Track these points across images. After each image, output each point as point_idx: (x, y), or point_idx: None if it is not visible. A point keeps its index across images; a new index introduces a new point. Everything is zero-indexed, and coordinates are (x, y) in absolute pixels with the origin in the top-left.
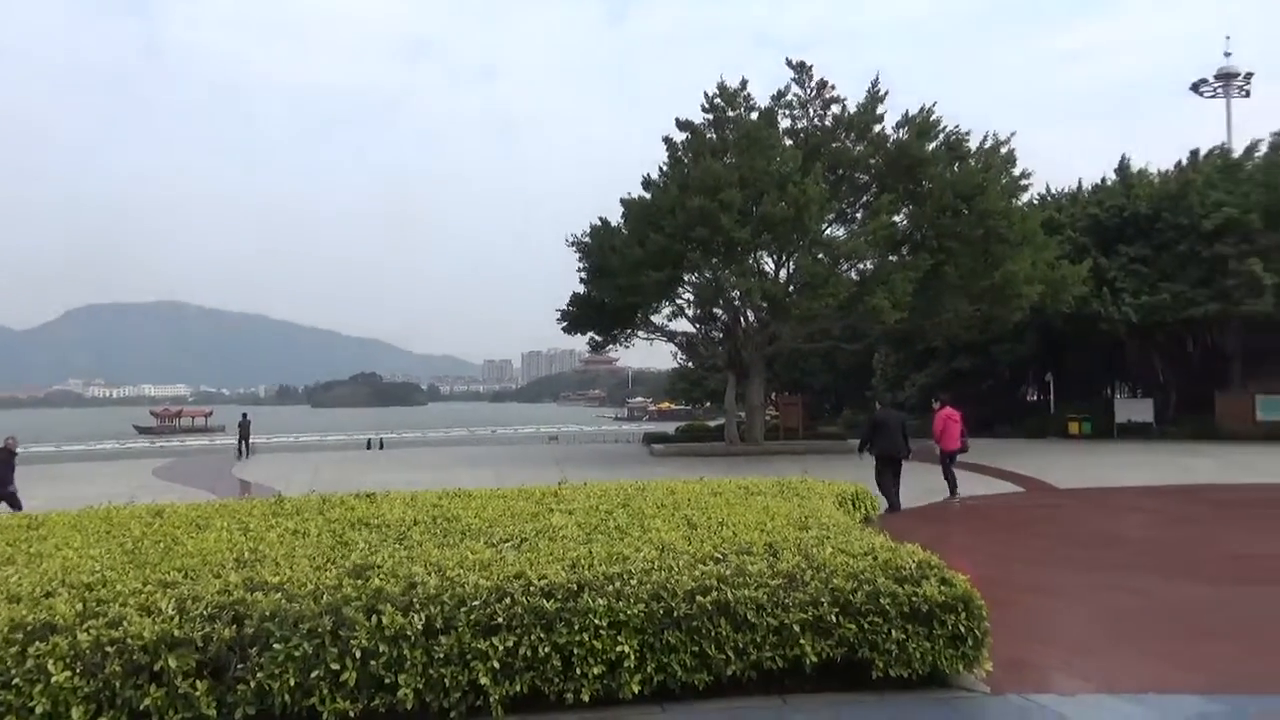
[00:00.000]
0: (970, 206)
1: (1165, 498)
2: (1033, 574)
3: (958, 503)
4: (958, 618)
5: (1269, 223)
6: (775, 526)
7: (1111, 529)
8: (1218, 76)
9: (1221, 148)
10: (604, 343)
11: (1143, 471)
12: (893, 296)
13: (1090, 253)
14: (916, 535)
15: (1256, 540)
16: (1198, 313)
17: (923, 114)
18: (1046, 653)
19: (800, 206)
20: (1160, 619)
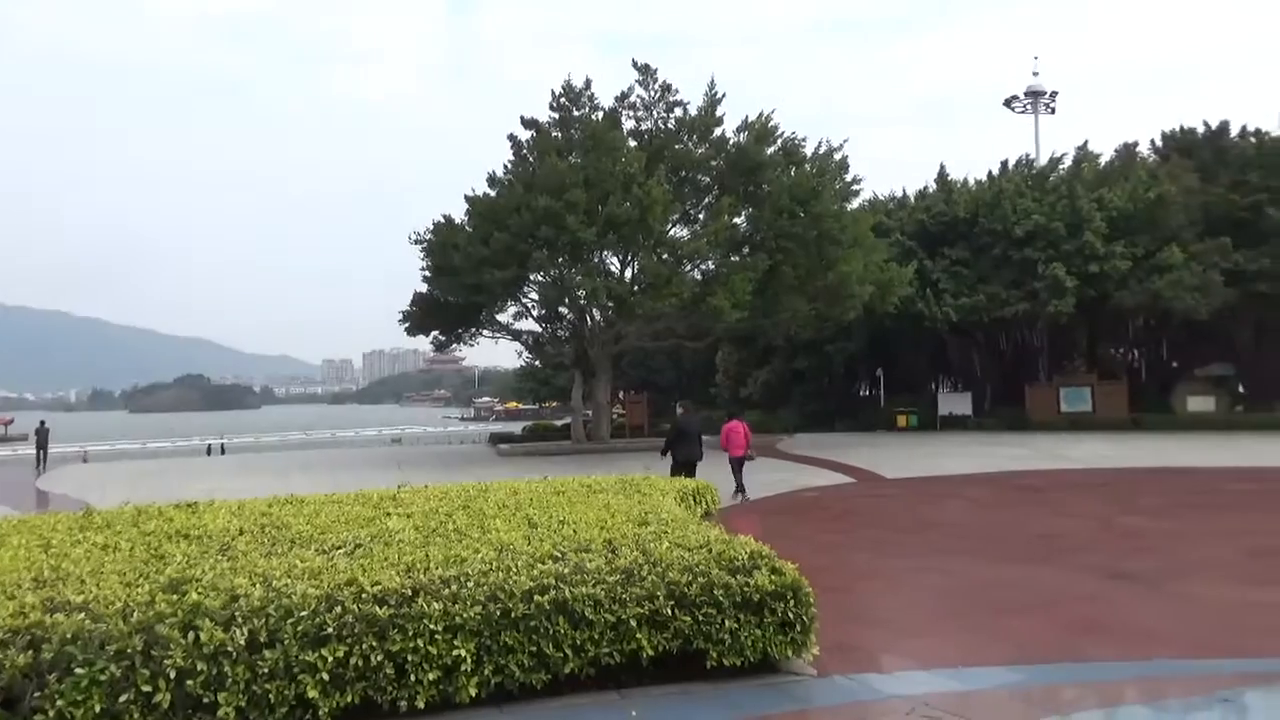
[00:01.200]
0: (806, 210)
1: (981, 485)
2: (861, 560)
3: (741, 501)
4: (787, 605)
5: (1071, 230)
6: (615, 523)
7: (933, 516)
8: (1027, 94)
9: (1029, 159)
10: (448, 342)
11: (962, 461)
12: (733, 296)
13: (916, 255)
14: (754, 527)
15: (1057, 521)
16: (1010, 312)
17: (761, 120)
18: (871, 634)
19: (645, 207)
20: (972, 598)
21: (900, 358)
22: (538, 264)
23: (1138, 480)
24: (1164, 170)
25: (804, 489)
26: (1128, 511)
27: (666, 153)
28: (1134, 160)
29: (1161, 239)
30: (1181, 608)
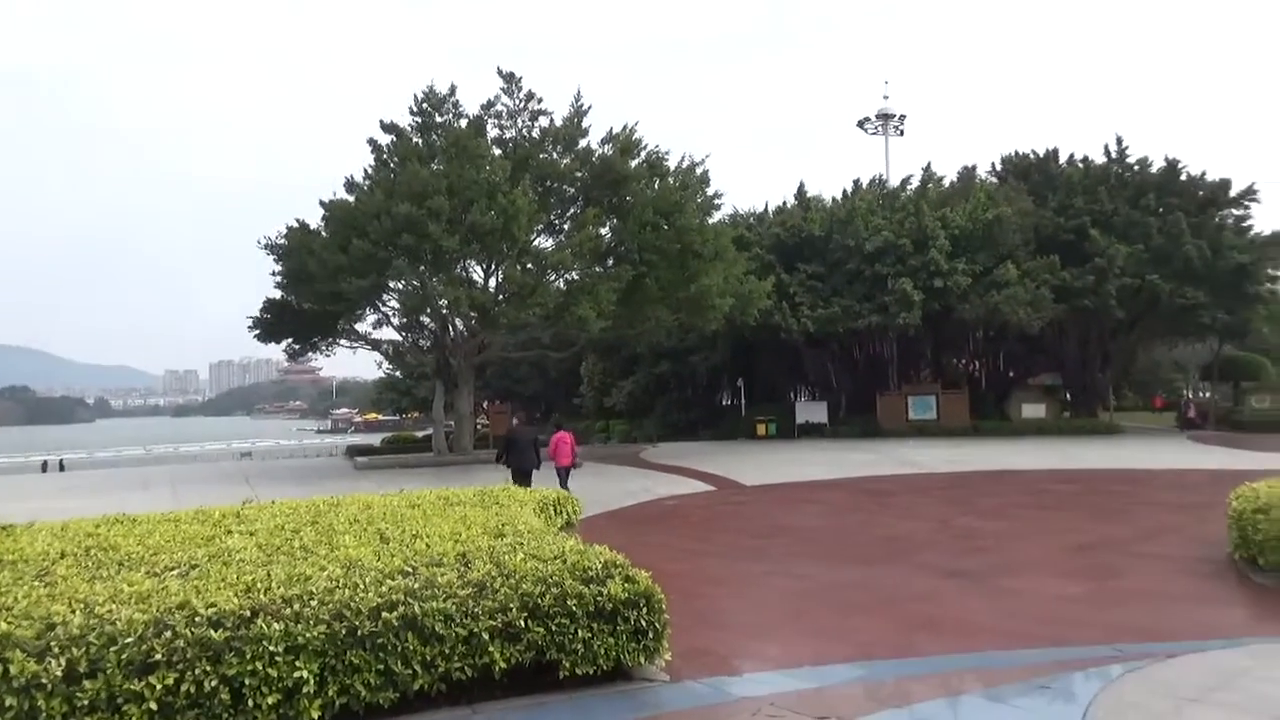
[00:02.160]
0: (669, 222)
1: (833, 490)
2: (717, 566)
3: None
4: (640, 613)
5: (917, 247)
6: (470, 536)
7: (787, 521)
8: (878, 116)
9: (881, 179)
10: (303, 351)
11: (817, 467)
12: (598, 306)
13: (774, 269)
14: (613, 536)
15: (901, 523)
16: (863, 324)
17: (626, 132)
18: (724, 638)
19: (509, 216)
20: (821, 599)
21: (761, 368)
22: (398, 272)
23: (975, 483)
24: (1001, 193)
25: (665, 497)
26: (965, 513)
27: (531, 162)
28: (974, 182)
29: (998, 257)
30: (1008, 602)
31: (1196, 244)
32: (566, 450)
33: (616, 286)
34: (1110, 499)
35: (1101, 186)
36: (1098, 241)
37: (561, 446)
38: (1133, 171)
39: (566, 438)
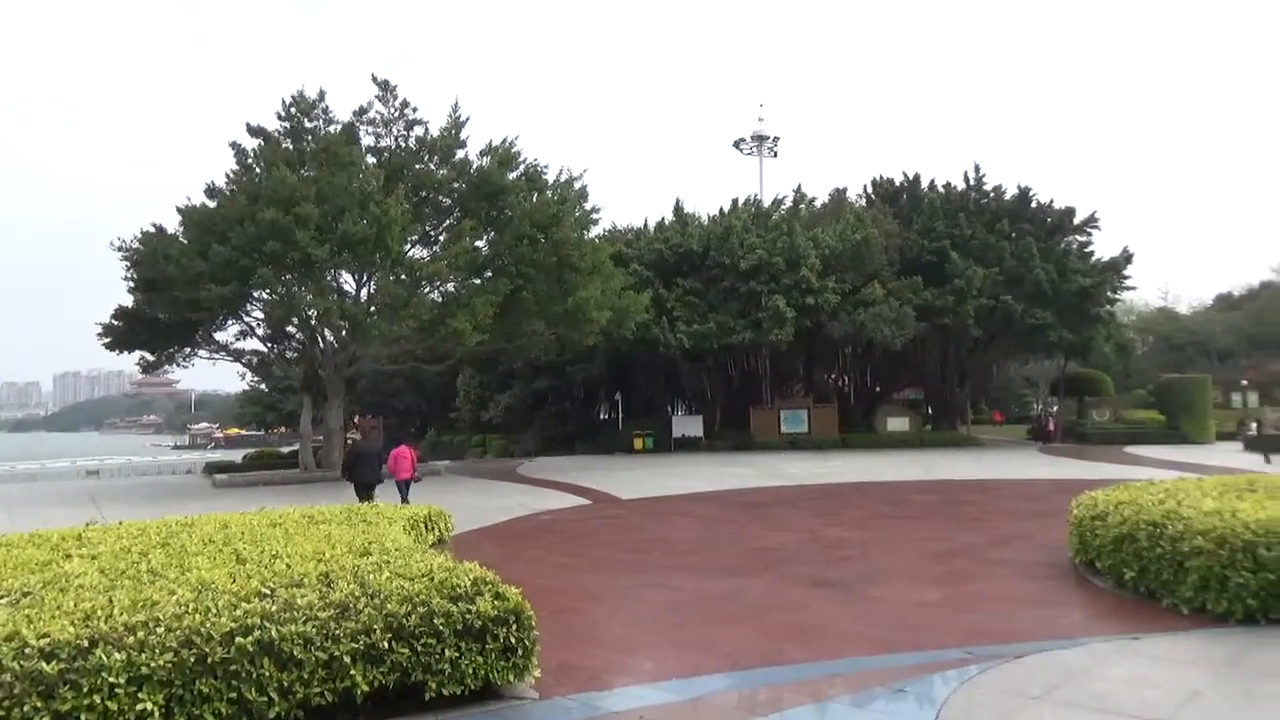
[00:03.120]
0: (547, 236)
1: (708, 503)
2: (590, 581)
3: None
4: (509, 630)
5: (790, 265)
6: (334, 555)
7: (662, 534)
8: (754, 137)
9: (756, 198)
10: (158, 362)
11: (693, 480)
12: (474, 319)
13: (653, 284)
14: (486, 553)
15: (772, 535)
16: (738, 340)
17: (504, 145)
18: (595, 653)
19: (382, 226)
20: (692, 611)
21: (638, 382)
22: (263, 280)
23: (843, 494)
24: (869, 215)
25: (541, 512)
26: (832, 524)
27: (406, 172)
28: (844, 204)
29: (866, 276)
30: (871, 610)
31: (1045, 268)
32: (407, 465)
33: (493, 299)
34: (966, 508)
35: (961, 212)
36: (957, 264)
37: (401, 461)
38: (989, 198)
39: (406, 452)
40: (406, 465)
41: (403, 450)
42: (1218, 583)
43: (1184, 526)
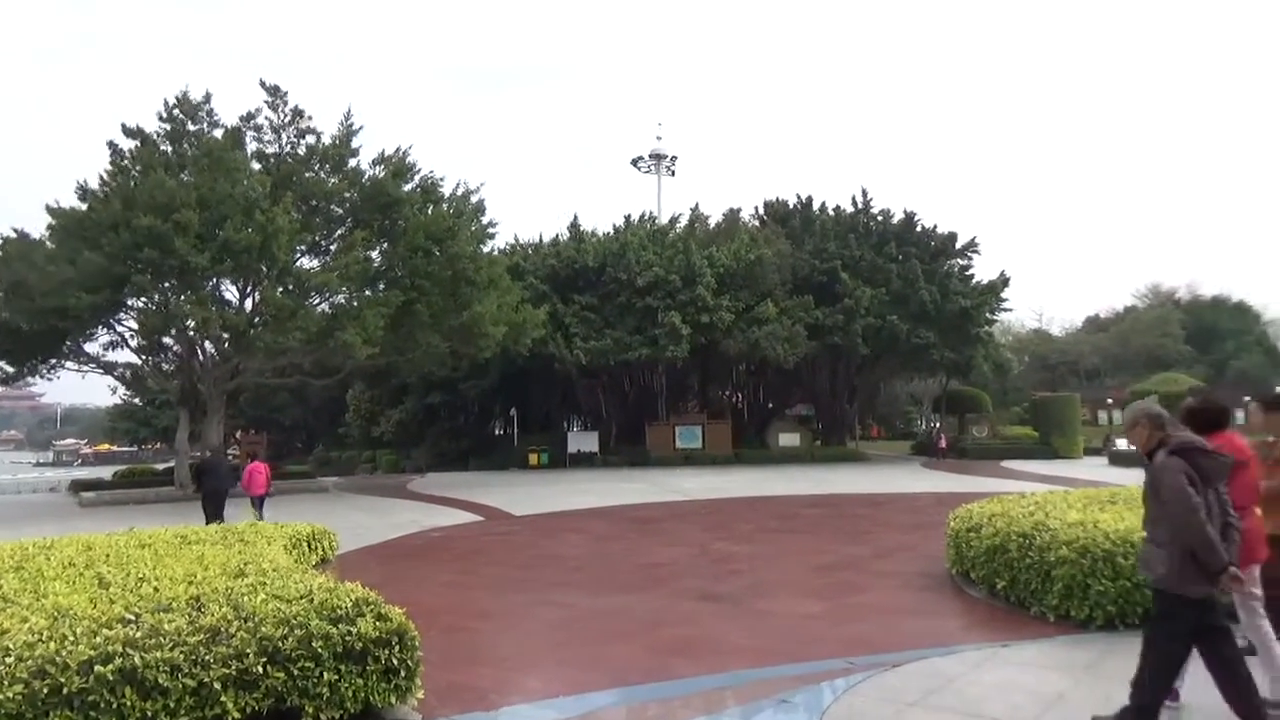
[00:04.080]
0: (442, 248)
1: (601, 519)
2: (480, 599)
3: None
4: (391, 652)
5: (686, 283)
6: (207, 577)
7: (554, 550)
8: (651, 155)
9: (652, 216)
10: (20, 374)
11: (587, 496)
12: (365, 332)
13: (549, 299)
14: (372, 572)
15: (664, 550)
16: (634, 356)
17: (399, 155)
18: (482, 673)
19: (269, 235)
20: (582, 628)
21: (534, 397)
22: (139, 288)
23: (735, 509)
24: (762, 235)
25: (431, 529)
26: (723, 538)
27: (295, 179)
28: (739, 224)
29: (759, 295)
30: (758, 623)
31: (929, 289)
32: (261, 480)
33: (385, 312)
34: (853, 522)
35: (851, 234)
36: (847, 284)
37: (256, 476)
38: (877, 221)
39: (261, 467)
40: (261, 481)
41: (257, 466)
42: (1080, 591)
43: (1050, 537)
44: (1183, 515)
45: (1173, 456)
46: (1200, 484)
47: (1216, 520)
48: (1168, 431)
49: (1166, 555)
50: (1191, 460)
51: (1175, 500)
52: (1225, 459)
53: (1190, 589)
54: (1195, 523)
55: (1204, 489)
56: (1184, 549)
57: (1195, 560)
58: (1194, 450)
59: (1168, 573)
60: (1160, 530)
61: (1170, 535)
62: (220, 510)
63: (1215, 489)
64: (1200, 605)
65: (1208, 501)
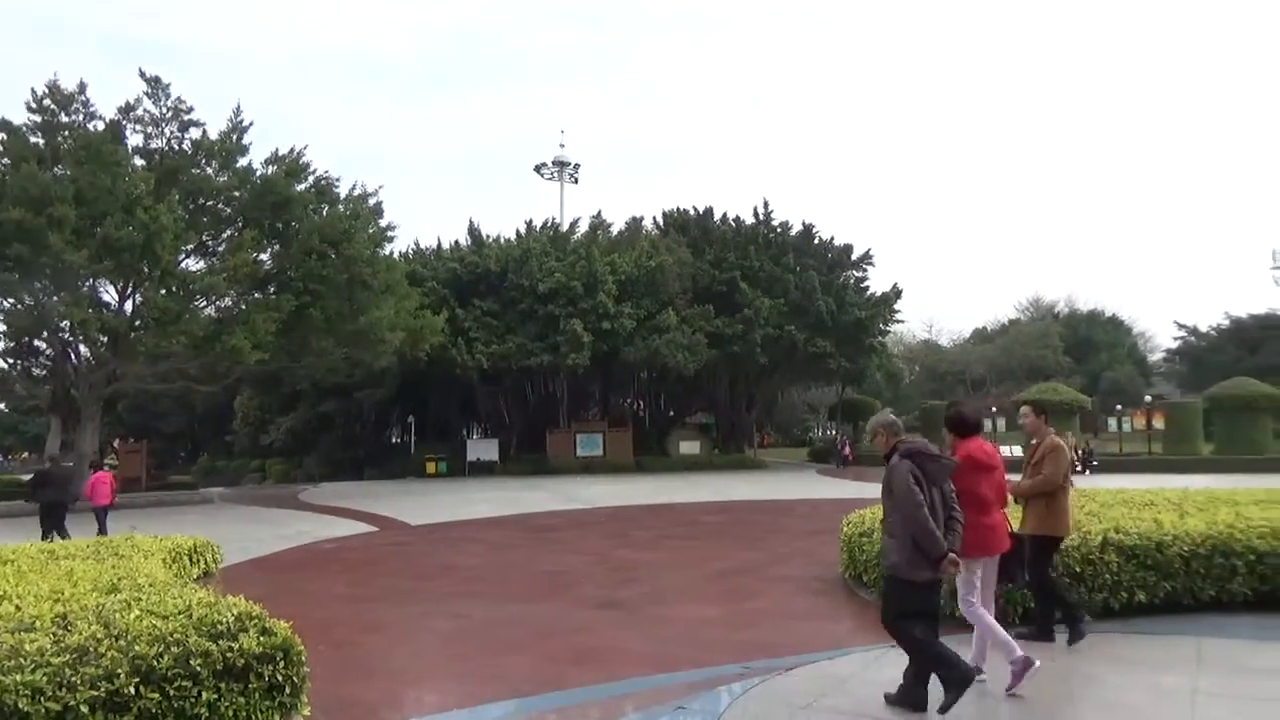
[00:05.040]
0: (337, 251)
1: (500, 528)
2: (372, 611)
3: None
4: (276, 667)
5: (587, 290)
6: (76, 594)
7: (451, 560)
8: (554, 162)
9: (555, 222)
10: None
11: (486, 505)
12: (254, 336)
13: (449, 304)
14: (258, 585)
15: (563, 558)
16: (535, 362)
17: (293, 154)
18: (373, 687)
19: (151, 233)
20: (477, 639)
21: (432, 404)
22: (7, 287)
23: (635, 516)
24: (663, 243)
25: (323, 540)
26: (622, 546)
27: (181, 176)
28: (640, 232)
29: (660, 303)
30: (656, 630)
31: (826, 300)
32: (106, 491)
33: (276, 316)
34: (750, 528)
35: (751, 245)
36: (747, 294)
37: (100, 487)
38: (776, 232)
39: (105, 478)
40: (105, 492)
41: (102, 476)
42: None
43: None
44: (908, 510)
45: (902, 459)
46: (925, 483)
47: (941, 515)
48: (901, 437)
49: (898, 545)
50: (918, 462)
51: (902, 497)
52: (949, 462)
53: (917, 574)
54: (919, 517)
55: (929, 487)
56: (911, 539)
57: (920, 549)
58: (920, 454)
59: (899, 560)
60: (893, 523)
61: (900, 528)
62: (60, 524)
63: (940, 488)
64: (927, 587)
65: (932, 499)
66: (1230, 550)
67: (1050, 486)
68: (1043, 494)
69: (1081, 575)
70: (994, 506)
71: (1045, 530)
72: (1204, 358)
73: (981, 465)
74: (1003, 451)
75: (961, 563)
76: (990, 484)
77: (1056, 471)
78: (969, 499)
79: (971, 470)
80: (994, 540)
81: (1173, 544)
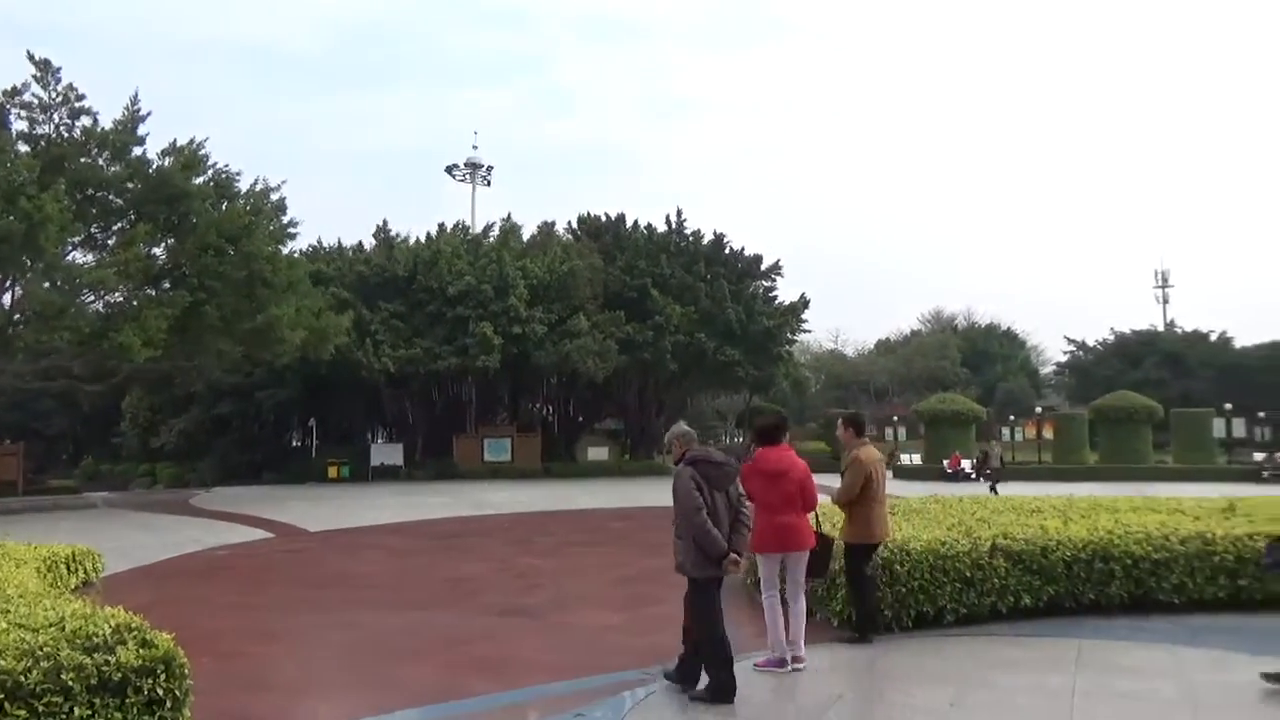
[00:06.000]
0: (236, 247)
1: (403, 534)
2: (265, 620)
3: None
4: (156, 681)
5: (498, 293)
6: None
7: (350, 568)
8: (467, 164)
9: (466, 225)
10: None
11: (388, 511)
12: (145, 334)
13: (354, 306)
14: (142, 595)
15: (466, 565)
16: (443, 366)
17: (192, 146)
18: (263, 699)
19: (35, 223)
20: (376, 648)
21: (336, 407)
22: None
23: (541, 523)
24: (576, 249)
25: (215, 547)
26: (527, 552)
27: (69, 165)
28: (552, 236)
29: (571, 308)
30: (559, 636)
31: (736, 309)
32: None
33: (169, 313)
34: (656, 534)
35: (663, 252)
36: (657, 301)
37: None
38: (688, 241)
39: None
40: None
41: None
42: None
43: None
44: (688, 513)
45: (686, 466)
46: (707, 488)
47: (726, 517)
48: (690, 447)
49: (684, 546)
50: (699, 469)
51: (682, 500)
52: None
53: (700, 572)
54: (697, 520)
55: (711, 492)
56: (694, 540)
57: (702, 549)
58: (702, 461)
59: (684, 560)
60: (680, 526)
61: (685, 530)
62: None
63: (725, 492)
64: (715, 582)
65: (713, 502)
66: (1109, 555)
67: (846, 497)
68: (851, 503)
69: (971, 580)
70: (786, 509)
71: (853, 538)
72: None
73: (766, 472)
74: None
75: (760, 557)
76: (778, 490)
77: (852, 484)
78: (758, 502)
79: (756, 475)
80: (789, 539)
81: (1057, 549)
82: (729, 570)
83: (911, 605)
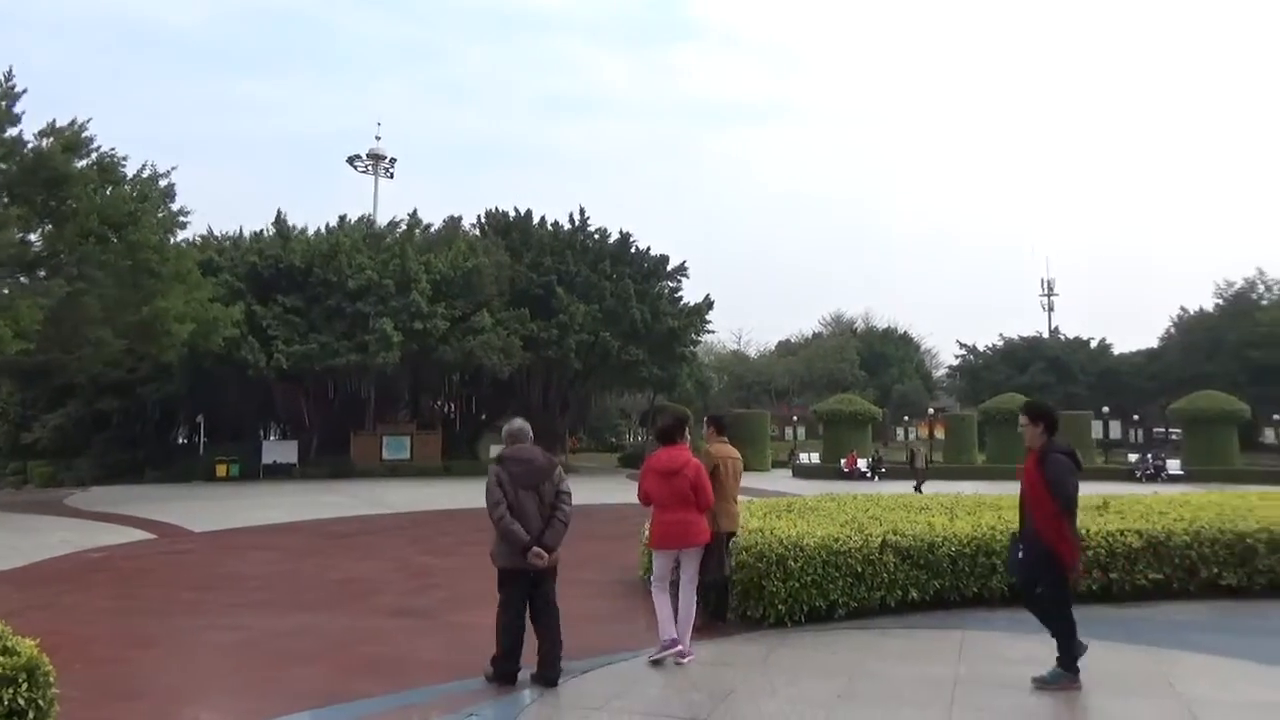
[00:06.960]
0: (121, 235)
1: (293, 534)
2: (142, 625)
3: None
4: (18, 690)
5: (400, 288)
6: None
7: (236, 569)
8: (369, 156)
9: (369, 218)
10: None
11: (280, 511)
12: (16, 324)
13: (246, 298)
14: (7, 601)
15: (360, 565)
16: (341, 362)
17: (73, 127)
18: (135, 708)
19: None
20: (261, 652)
21: (225, 403)
22: None
23: (439, 522)
24: (481, 245)
25: (90, 549)
26: (424, 552)
27: None
28: (458, 231)
29: (476, 304)
30: (453, 637)
31: (641, 308)
32: None
33: (45, 303)
34: None
35: (569, 250)
36: (563, 299)
37: None
38: (594, 239)
39: None
40: None
41: None
42: (756, 591)
43: (732, 543)
44: (489, 509)
45: (494, 463)
46: (510, 484)
47: (536, 513)
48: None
49: (493, 539)
50: (506, 467)
51: (486, 496)
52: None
53: (506, 562)
54: (494, 514)
55: (515, 488)
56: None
57: (505, 541)
58: (510, 459)
59: (492, 550)
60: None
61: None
62: None
63: (536, 489)
64: (520, 573)
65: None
66: (991, 550)
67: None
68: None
69: (862, 575)
70: (674, 506)
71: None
72: (980, 374)
73: (659, 470)
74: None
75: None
76: (671, 488)
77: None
78: (654, 500)
79: (650, 474)
80: (677, 535)
81: (943, 545)
82: (534, 562)
83: (804, 600)
